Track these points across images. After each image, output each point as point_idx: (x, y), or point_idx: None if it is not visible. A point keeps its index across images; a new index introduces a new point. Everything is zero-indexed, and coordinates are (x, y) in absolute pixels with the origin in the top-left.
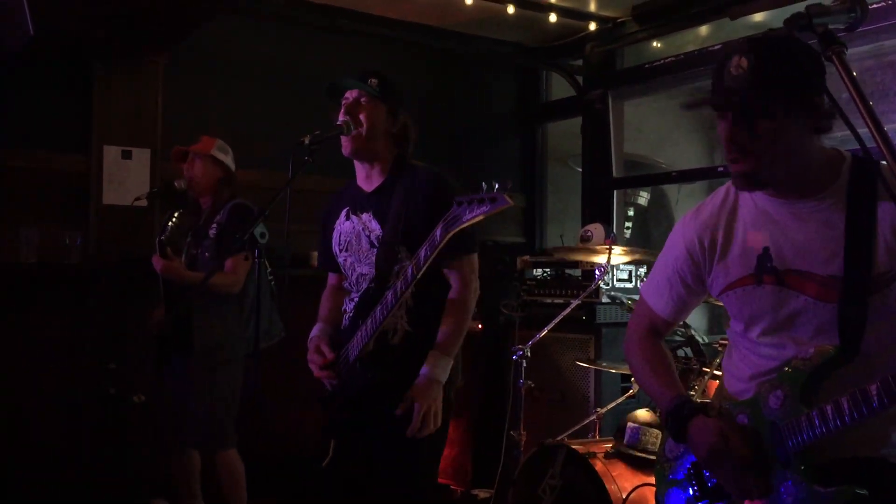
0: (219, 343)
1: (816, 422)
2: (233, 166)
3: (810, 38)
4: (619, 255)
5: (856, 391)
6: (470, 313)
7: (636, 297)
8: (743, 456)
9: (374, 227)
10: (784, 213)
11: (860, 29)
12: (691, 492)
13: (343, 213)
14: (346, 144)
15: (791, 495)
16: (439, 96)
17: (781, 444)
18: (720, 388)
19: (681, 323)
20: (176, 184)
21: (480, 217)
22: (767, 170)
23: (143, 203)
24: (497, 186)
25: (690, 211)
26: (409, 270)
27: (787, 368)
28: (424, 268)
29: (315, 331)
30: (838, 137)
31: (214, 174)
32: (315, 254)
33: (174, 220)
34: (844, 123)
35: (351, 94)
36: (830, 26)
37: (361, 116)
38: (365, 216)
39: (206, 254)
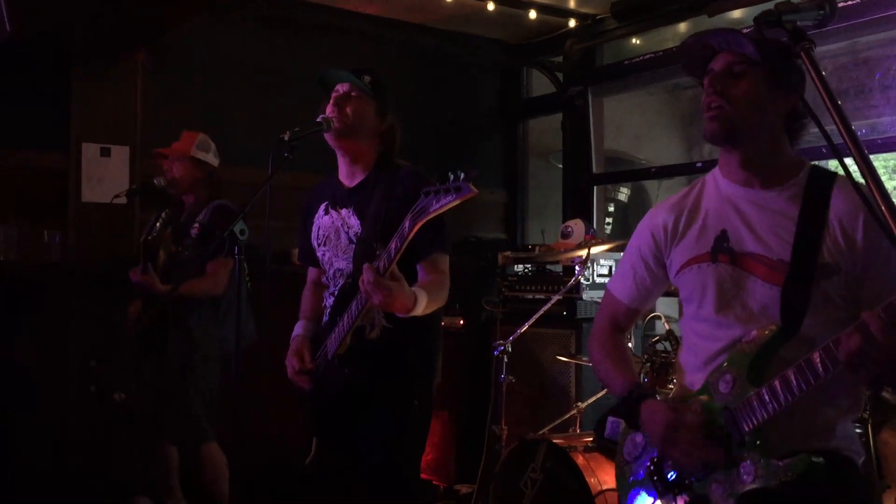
0: (195, 344)
1: (766, 398)
2: (216, 161)
3: (780, 34)
4: (598, 249)
5: (801, 362)
6: (445, 293)
7: None
8: (698, 426)
9: (354, 223)
10: (745, 201)
11: (835, 27)
12: (653, 489)
13: (322, 207)
14: (328, 132)
15: (749, 473)
16: (420, 93)
17: (736, 426)
18: (679, 386)
19: (648, 314)
20: (155, 181)
21: (447, 207)
22: (740, 124)
23: (123, 200)
24: (462, 176)
25: (657, 204)
26: (381, 264)
27: (733, 352)
28: (395, 260)
29: (298, 329)
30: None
31: (195, 174)
32: (296, 251)
33: (162, 219)
34: (815, 123)
35: (342, 87)
36: (799, 23)
37: (349, 110)
38: (344, 212)
39: (187, 253)
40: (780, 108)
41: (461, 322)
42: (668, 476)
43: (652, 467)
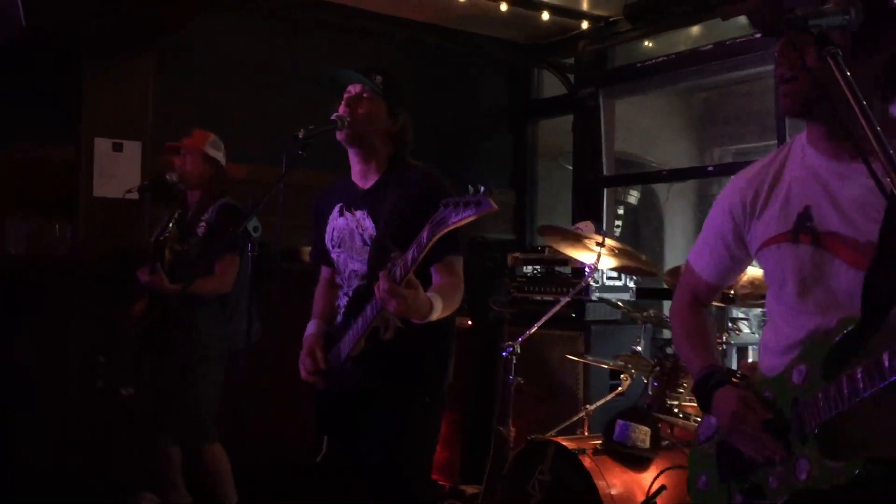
0: (199, 341)
1: (833, 395)
2: (224, 161)
3: (806, 39)
4: (607, 257)
5: (870, 361)
6: (459, 296)
7: (626, 296)
8: (761, 419)
9: (368, 225)
10: (832, 174)
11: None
12: (718, 471)
13: (336, 208)
14: (341, 132)
15: (804, 471)
16: (431, 93)
17: (800, 421)
18: (758, 370)
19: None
20: (167, 176)
21: (465, 221)
22: (816, 96)
23: (135, 196)
24: (482, 189)
25: (738, 173)
26: (398, 271)
27: (810, 343)
28: (412, 269)
29: (311, 328)
30: None
31: (206, 171)
32: (305, 249)
33: (174, 220)
34: (839, 125)
35: (354, 88)
36: (825, 28)
37: (361, 111)
38: (359, 214)
39: (194, 252)
40: (869, 71)
41: (469, 322)
42: (732, 461)
43: (719, 449)
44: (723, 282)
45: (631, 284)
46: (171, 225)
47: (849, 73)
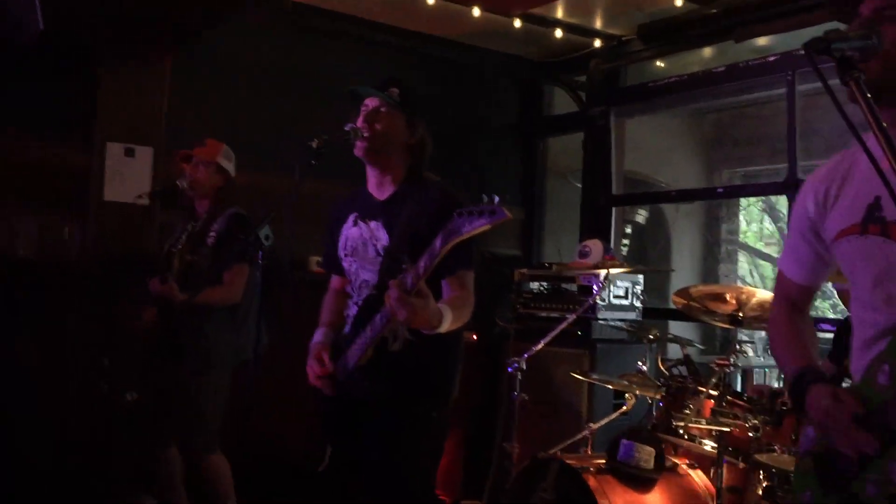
0: (207, 351)
1: None
2: (234, 172)
3: (828, 62)
4: (615, 271)
5: None
6: (469, 310)
7: (632, 315)
8: (854, 411)
9: (382, 236)
10: None
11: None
12: (819, 484)
13: (351, 218)
14: (359, 146)
15: None
16: (441, 106)
17: (889, 421)
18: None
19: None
20: (178, 183)
21: (479, 230)
22: (888, 79)
23: (145, 201)
24: (497, 199)
25: (814, 170)
26: (409, 279)
27: (892, 340)
28: (423, 277)
29: (318, 336)
30: None
31: (217, 181)
32: (313, 259)
33: (187, 231)
34: (857, 140)
35: (371, 102)
36: (848, 52)
37: (378, 126)
38: (373, 224)
39: (204, 262)
40: None
41: (474, 337)
42: (830, 472)
43: (817, 462)
44: (814, 282)
45: (637, 304)
46: (183, 236)
47: (869, 96)
